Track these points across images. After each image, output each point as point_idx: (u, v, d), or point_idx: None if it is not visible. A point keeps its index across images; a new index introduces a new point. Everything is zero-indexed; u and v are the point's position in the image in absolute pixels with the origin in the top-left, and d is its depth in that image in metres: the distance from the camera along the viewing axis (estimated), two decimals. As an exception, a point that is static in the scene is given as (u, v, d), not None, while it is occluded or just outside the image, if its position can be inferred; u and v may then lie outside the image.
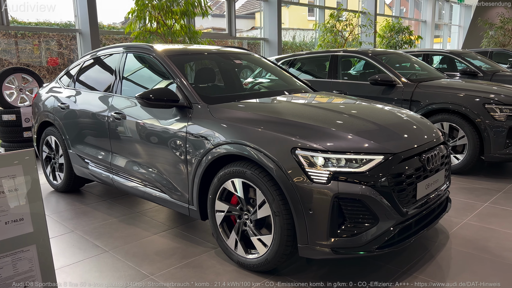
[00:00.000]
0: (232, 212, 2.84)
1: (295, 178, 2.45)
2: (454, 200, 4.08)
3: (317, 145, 2.48)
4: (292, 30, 17.77)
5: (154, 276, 2.76)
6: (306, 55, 6.76)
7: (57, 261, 2.98)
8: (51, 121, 4.43)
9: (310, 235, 2.45)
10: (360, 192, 2.40)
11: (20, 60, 9.16)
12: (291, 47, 15.05)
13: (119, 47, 3.99)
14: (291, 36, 17.76)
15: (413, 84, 5.32)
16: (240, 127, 2.78)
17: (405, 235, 2.65)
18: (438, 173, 2.89)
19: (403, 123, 3.02)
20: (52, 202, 4.28)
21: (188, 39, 7.91)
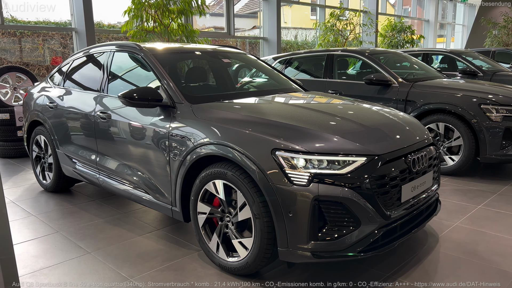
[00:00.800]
0: (214, 214, 2.79)
1: (275, 180, 2.39)
2: (447, 202, 4.01)
3: (297, 146, 2.42)
4: (294, 30, 17.72)
5: (134, 279, 2.71)
6: (303, 54, 6.70)
7: (36, 263, 2.96)
8: (41, 120, 4.40)
9: (290, 238, 2.39)
10: (341, 194, 2.34)
11: (21, 59, 9.17)
12: (292, 46, 14.99)
13: (107, 45, 3.95)
14: (293, 36, 17.71)
15: (409, 84, 5.24)
16: (221, 127, 2.73)
17: (390, 238, 2.59)
18: (426, 175, 2.82)
19: (389, 124, 2.95)
20: (41, 202, 4.24)
21: (185, 38, 7.86)
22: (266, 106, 3.17)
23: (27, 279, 2.73)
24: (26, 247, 3.20)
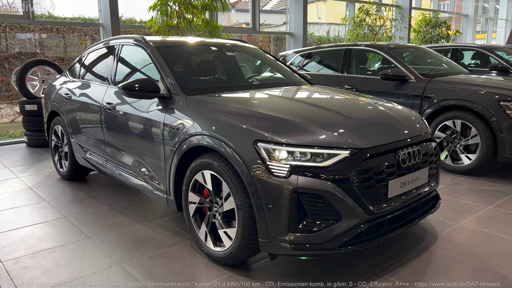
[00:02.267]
0: (203, 204, 2.84)
1: (256, 171, 2.40)
2: (456, 202, 3.87)
3: (279, 138, 2.41)
4: (326, 25, 17.50)
5: (124, 264, 2.80)
6: (322, 49, 6.62)
7: (38, 245, 3.11)
8: (58, 111, 4.60)
9: (270, 229, 2.40)
10: (320, 187, 2.32)
11: (56, 54, 9.57)
12: (324, 42, 14.81)
13: (116, 39, 4.07)
14: (325, 31, 17.50)
15: (426, 79, 5.08)
16: (209, 118, 2.76)
17: (375, 234, 2.54)
18: (419, 171, 2.74)
19: (381, 117, 2.89)
20: (56, 189, 4.43)
21: (209, 34, 7.94)
22: (258, 99, 3.17)
23: (26, 259, 2.87)
24: (32, 230, 3.36)
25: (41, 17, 9.29)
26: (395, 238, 3.10)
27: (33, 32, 9.02)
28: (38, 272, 2.71)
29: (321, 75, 6.27)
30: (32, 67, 6.54)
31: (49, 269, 2.75)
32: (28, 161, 5.68)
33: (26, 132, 6.64)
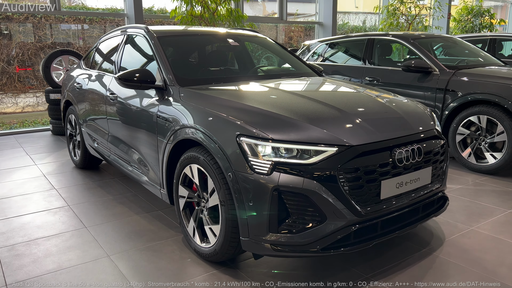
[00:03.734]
0: (192, 199, 2.76)
1: (238, 167, 2.29)
2: (473, 204, 3.60)
3: (262, 132, 2.29)
4: (362, 14, 16.98)
5: (112, 256, 2.78)
6: (344, 39, 6.36)
7: (35, 233, 3.15)
8: (71, 100, 4.66)
9: (251, 228, 2.29)
10: (302, 186, 2.18)
11: (87, 44, 9.79)
12: (359, 31, 14.38)
13: (123, 28, 4.05)
14: (361, 20, 16.99)
15: (450, 71, 4.76)
16: (196, 110, 2.68)
17: (366, 237, 2.38)
18: (420, 171, 2.53)
19: (381, 112, 2.69)
20: (67, 177, 4.51)
21: (232, 23, 7.84)
22: (252, 91, 3.04)
23: (20, 247, 2.92)
24: (34, 218, 3.42)
25: (75, 8, 9.52)
26: (397, 240, 2.91)
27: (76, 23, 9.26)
28: (28, 260, 2.73)
29: (342, 66, 6.03)
30: (57, 57, 6.69)
31: (39, 258, 2.77)
32: (49, 149, 5.83)
33: (51, 121, 6.83)
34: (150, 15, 8.87)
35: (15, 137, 6.61)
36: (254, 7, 18.79)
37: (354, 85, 3.36)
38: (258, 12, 14.25)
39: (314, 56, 6.58)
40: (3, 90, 9.44)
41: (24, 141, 6.29)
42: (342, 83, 3.43)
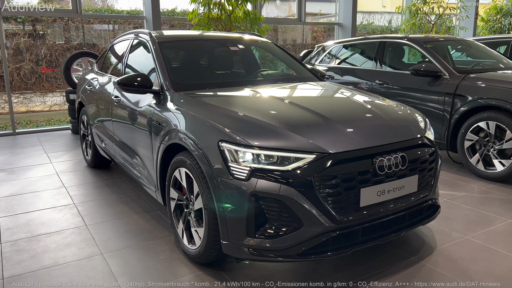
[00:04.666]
0: (182, 201, 2.84)
1: (218, 172, 2.35)
2: (474, 212, 3.54)
3: (241, 138, 2.34)
4: (388, 14, 16.73)
5: (106, 254, 2.90)
6: (357, 41, 6.31)
7: (39, 229, 3.31)
8: (83, 102, 4.84)
9: (230, 232, 2.35)
10: (279, 192, 2.22)
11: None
12: (383, 32, 14.20)
13: (130, 33, 4.18)
14: (387, 20, 16.73)
15: (460, 75, 4.66)
16: (184, 115, 2.75)
17: (346, 244, 2.39)
18: (405, 179, 2.52)
19: (366, 119, 2.69)
20: (78, 176, 4.69)
21: (249, 26, 7.90)
22: (242, 97, 3.09)
23: (22, 243, 3.08)
24: (39, 215, 3.59)
25: (100, 10, 9.82)
26: (385, 247, 2.90)
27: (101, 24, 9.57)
28: (27, 255, 2.88)
29: (354, 68, 5.99)
30: (77, 59, 6.94)
31: (37, 253, 2.91)
32: (66, 147, 6.06)
33: (71, 120, 7.09)
34: (168, 18, 9.05)
35: (37, 135, 6.91)
36: (280, 8, 18.75)
37: (348, 91, 3.35)
38: (283, 13, 14.25)
39: (329, 58, 6.55)
40: (32, 89, 9.85)
41: (45, 140, 6.56)
42: (337, 88, 3.43)
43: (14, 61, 9.25)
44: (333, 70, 6.23)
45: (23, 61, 9.35)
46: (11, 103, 7.06)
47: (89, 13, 8.17)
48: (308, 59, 6.96)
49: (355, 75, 5.86)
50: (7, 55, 8.60)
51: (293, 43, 11.89)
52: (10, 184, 4.42)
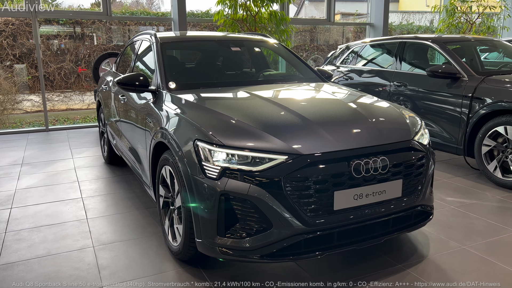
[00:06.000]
0: (168, 199, 2.90)
1: (193, 170, 2.39)
2: (479, 220, 3.36)
3: (215, 138, 2.35)
4: (430, 14, 16.19)
5: (97, 247, 3.00)
6: (379, 41, 6.15)
7: (43, 220, 3.48)
8: (100, 101, 5.03)
9: (203, 230, 2.37)
10: (248, 192, 2.22)
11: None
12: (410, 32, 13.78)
13: (140, 34, 4.30)
14: (428, 20, 16.21)
15: (479, 77, 4.43)
16: (169, 114, 2.81)
17: (320, 247, 2.35)
18: (386, 183, 2.44)
19: (348, 120, 2.62)
20: (93, 171, 4.88)
21: (274, 26, 7.89)
22: (230, 97, 3.11)
23: (24, 233, 3.25)
24: (48, 207, 3.77)
25: (135, 12, 10.16)
26: (373, 252, 2.83)
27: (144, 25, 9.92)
28: (25, 245, 3.04)
29: (373, 70, 5.85)
30: (105, 59, 7.21)
31: (35, 243, 3.07)
32: (90, 144, 6.31)
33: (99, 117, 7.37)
34: (194, 19, 9.20)
35: (67, 132, 7.24)
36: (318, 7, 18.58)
37: (342, 93, 3.28)
38: (322, 12, 14.14)
39: (350, 59, 6.42)
40: (71, 88, 10.34)
41: (73, 136, 6.87)
42: (333, 90, 3.35)
43: (55, 61, 9.76)
44: (352, 71, 6.12)
45: (64, 61, 9.84)
46: (45, 101, 7.44)
47: (117, 15, 8.46)
48: (331, 59, 6.86)
49: (375, 76, 5.71)
50: (46, 55, 9.07)
51: (326, 44, 11.75)
52: (30, 177, 4.67)
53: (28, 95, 10.04)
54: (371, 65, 6.03)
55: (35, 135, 7.01)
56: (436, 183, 4.29)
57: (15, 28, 9.10)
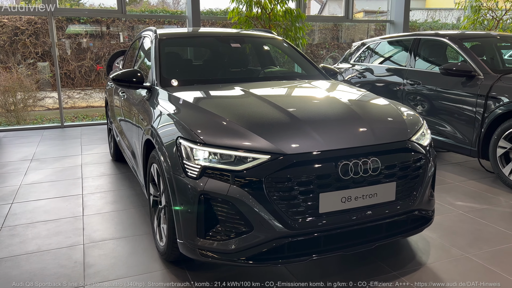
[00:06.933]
0: (157, 197, 2.84)
1: (175, 169, 2.31)
2: (489, 227, 3.17)
3: (197, 136, 2.27)
4: (458, 11, 15.70)
5: (88, 244, 2.98)
6: (393, 38, 5.94)
7: (40, 216, 3.48)
8: (107, 98, 5.04)
9: (183, 231, 2.30)
10: (227, 192, 2.13)
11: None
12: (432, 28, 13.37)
13: (144, 31, 4.26)
14: (455, 18, 15.74)
15: (496, 76, 4.19)
16: (158, 111, 2.74)
17: (305, 251, 2.24)
18: (378, 186, 2.30)
19: (339, 120, 2.49)
20: (99, 168, 4.89)
21: (289, 24, 7.77)
22: (221, 94, 3.02)
23: (20, 228, 3.26)
24: (47, 203, 3.78)
25: (154, 11, 10.22)
26: (369, 258, 2.69)
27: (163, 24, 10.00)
28: (18, 240, 3.05)
29: (386, 68, 5.65)
30: (119, 57, 7.24)
31: (27, 239, 3.07)
32: (101, 141, 6.35)
33: (112, 115, 7.43)
34: (208, 17, 9.17)
35: (81, 129, 7.33)
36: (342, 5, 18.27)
37: (341, 90, 3.14)
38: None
39: (364, 56, 6.24)
40: (91, 86, 10.50)
41: (86, 133, 6.95)
42: (332, 87, 3.22)
43: (76, 59, 9.92)
44: (366, 69, 5.93)
45: (84, 59, 10.00)
46: (60, 98, 7.56)
47: (132, 13, 8.51)
48: (347, 56, 6.69)
49: (388, 74, 5.52)
50: (67, 53, 9.22)
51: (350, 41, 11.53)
52: (36, 172, 4.71)
53: (50, 92, 10.24)
54: (385, 63, 5.83)
55: (50, 131, 7.13)
56: (446, 186, 4.09)
57: (38, 27, 9.28)
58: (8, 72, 8.97)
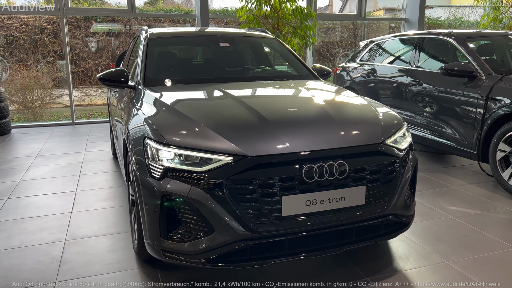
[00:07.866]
0: (134, 197, 2.86)
1: (140, 169, 2.32)
2: (478, 234, 3.06)
3: (161, 136, 2.27)
4: (480, 8, 15.25)
5: (69, 241, 3.03)
6: (398, 37, 5.80)
7: (31, 212, 3.56)
8: (108, 96, 5.12)
9: (149, 232, 2.30)
10: (187, 194, 2.12)
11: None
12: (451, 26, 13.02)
13: (140, 30, 4.30)
14: (479, 15, 15.30)
15: (497, 76, 4.04)
16: (134, 111, 2.76)
17: (268, 255, 2.21)
18: (345, 189, 2.25)
19: (307, 121, 2.43)
20: (98, 165, 4.97)
21: (298, 22, 7.71)
22: (193, 94, 3.03)
23: (9, 223, 3.34)
24: (40, 199, 3.87)
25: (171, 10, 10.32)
26: (344, 261, 2.64)
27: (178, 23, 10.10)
28: (4, 235, 3.13)
29: (389, 67, 5.53)
30: (127, 55, 7.35)
31: (13, 234, 3.15)
32: (107, 138, 6.46)
33: (121, 113, 7.54)
34: (217, 16, 9.18)
35: (91, 126, 7.48)
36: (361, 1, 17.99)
37: (319, 91, 3.08)
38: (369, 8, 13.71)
39: (376, 55, 6.12)
40: (106, 83, 10.67)
41: (94, 130, 7.08)
42: (311, 88, 3.16)
43: (94, 57, 10.13)
44: (372, 68, 5.83)
45: (101, 57, 10.19)
46: (71, 96, 7.71)
47: (142, 13, 8.60)
48: (355, 54, 6.59)
49: (392, 73, 5.40)
50: (84, 52, 9.40)
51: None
52: (38, 169, 4.83)
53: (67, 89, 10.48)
54: (391, 62, 5.70)
55: (61, 128, 7.29)
56: (442, 190, 3.97)
57: (57, 26, 9.50)
58: (27, 70, 9.23)
